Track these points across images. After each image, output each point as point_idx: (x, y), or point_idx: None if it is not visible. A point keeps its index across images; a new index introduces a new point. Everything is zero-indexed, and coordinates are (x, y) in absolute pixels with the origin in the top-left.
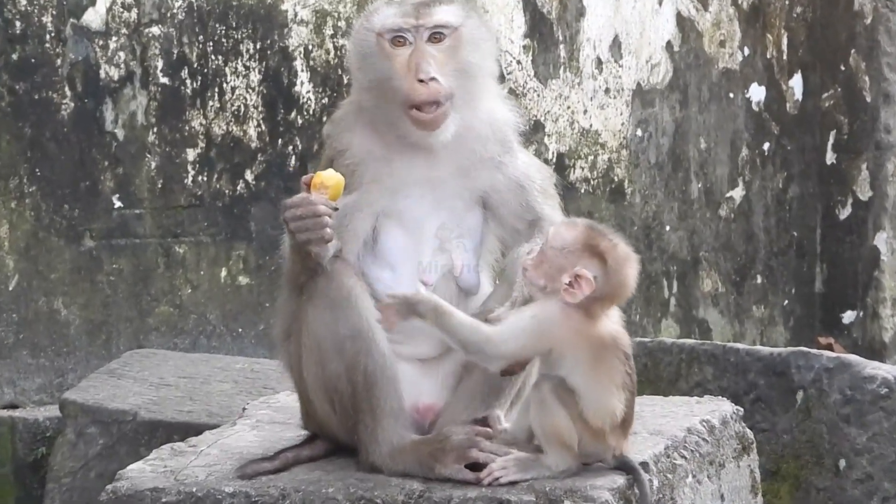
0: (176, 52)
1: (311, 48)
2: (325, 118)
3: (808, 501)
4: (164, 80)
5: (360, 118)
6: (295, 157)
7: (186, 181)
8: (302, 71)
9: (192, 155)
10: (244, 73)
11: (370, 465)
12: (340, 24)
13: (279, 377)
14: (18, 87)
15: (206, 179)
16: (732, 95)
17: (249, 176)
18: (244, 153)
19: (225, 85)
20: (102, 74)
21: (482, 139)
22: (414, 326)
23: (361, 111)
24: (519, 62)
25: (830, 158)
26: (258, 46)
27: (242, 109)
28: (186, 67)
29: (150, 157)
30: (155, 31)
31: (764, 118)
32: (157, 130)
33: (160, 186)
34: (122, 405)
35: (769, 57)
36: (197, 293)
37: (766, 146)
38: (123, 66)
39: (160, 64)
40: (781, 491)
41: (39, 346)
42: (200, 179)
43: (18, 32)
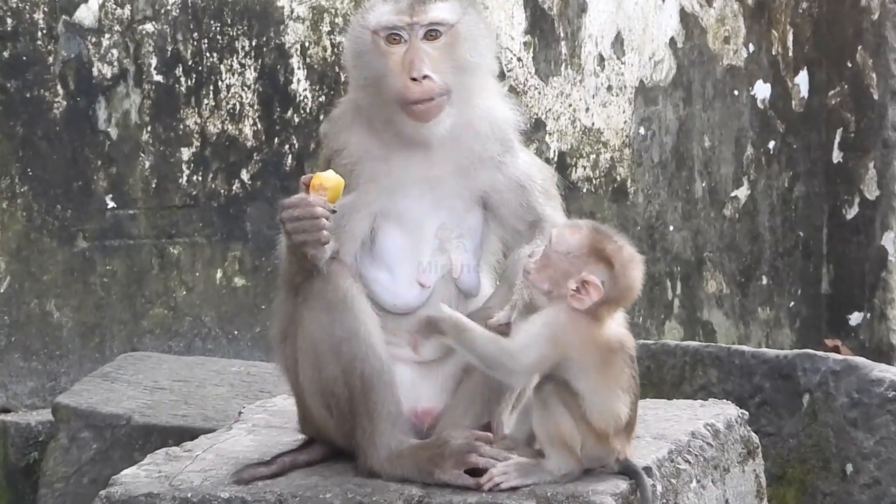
0: (170, 49)
1: (307, 45)
2: (322, 117)
3: None
4: (157, 77)
5: (357, 117)
6: (291, 156)
7: (181, 181)
8: (298, 68)
9: (186, 154)
10: (239, 70)
11: (368, 469)
12: (337, 20)
13: (276, 380)
14: (10, 85)
15: (201, 179)
16: (737, 93)
17: (245, 175)
18: (240, 152)
19: (220, 83)
20: (95, 72)
21: (481, 138)
22: (410, 329)
23: (358, 110)
24: (519, 59)
25: (837, 157)
26: (254, 43)
27: (238, 108)
28: (181, 65)
29: (143, 156)
30: (148, 27)
31: (769, 116)
32: (150, 129)
33: (154, 186)
34: (115, 409)
35: (774, 53)
36: (192, 295)
37: (771, 144)
38: (116, 63)
39: (154, 61)
40: (787, 496)
41: (31, 349)
42: (195, 179)
43: (9, 29)
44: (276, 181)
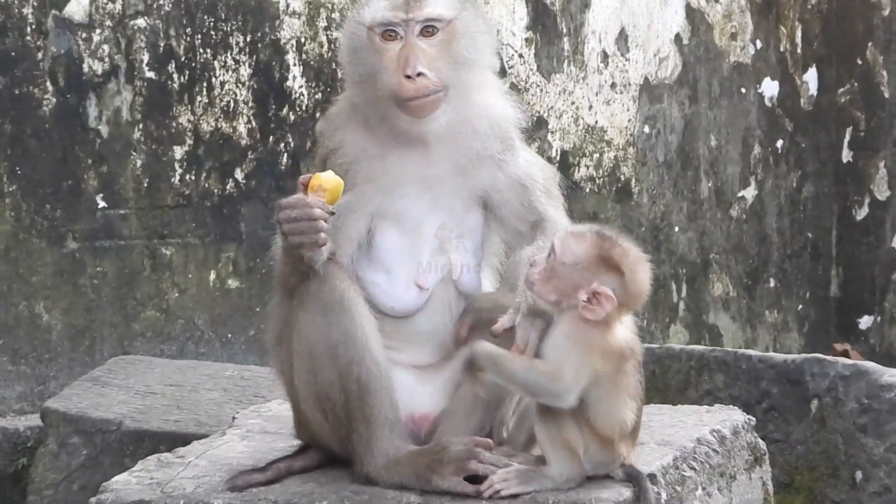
0: (162, 45)
1: (303, 41)
2: (318, 114)
3: None
4: (150, 74)
5: (353, 115)
6: (287, 154)
7: (173, 180)
8: (294, 65)
9: (179, 153)
10: (234, 67)
11: (365, 476)
12: (334, 15)
13: (270, 385)
14: None
15: (193, 178)
16: (744, 90)
17: (239, 175)
18: (234, 151)
19: (214, 79)
20: (86, 68)
21: (481, 136)
22: (408, 332)
23: (354, 107)
24: (521, 56)
25: (846, 156)
26: (248, 39)
27: (232, 105)
28: (173, 61)
29: (135, 154)
30: (140, 23)
31: (777, 114)
32: (142, 127)
33: (146, 186)
34: (106, 414)
35: (783, 50)
36: (184, 297)
37: (779, 144)
38: (108, 59)
39: (146, 57)
40: None
41: (20, 352)
42: (188, 178)
43: None
44: (270, 180)
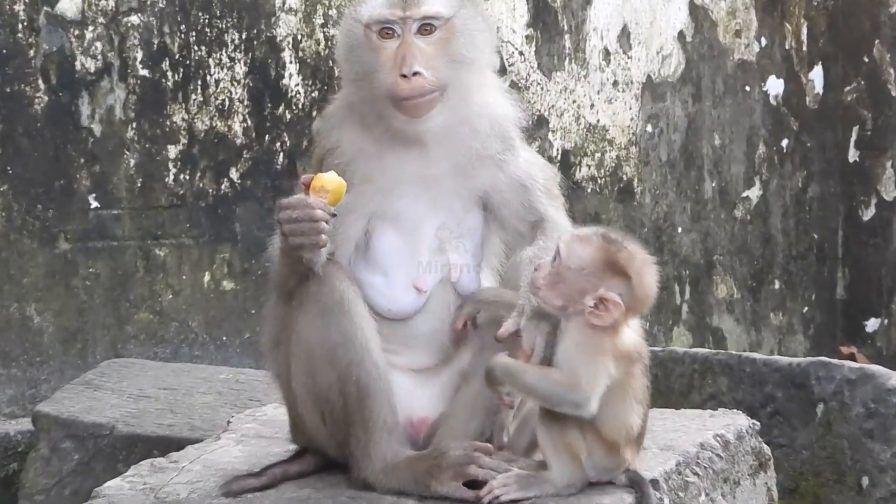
0: (156, 42)
1: (300, 38)
2: (315, 113)
3: None
4: (143, 72)
5: (350, 113)
6: (283, 154)
7: (167, 180)
8: (290, 62)
9: (173, 152)
10: (229, 64)
11: (362, 481)
12: (331, 12)
13: (266, 388)
14: None
15: (188, 178)
16: (749, 89)
17: (234, 174)
18: (229, 150)
19: (208, 77)
20: (78, 66)
21: (480, 135)
22: (407, 335)
23: (351, 106)
24: (521, 53)
25: (853, 156)
26: (244, 36)
27: (227, 103)
28: (167, 59)
29: (128, 154)
30: (134, 19)
31: (782, 113)
32: (136, 126)
33: (139, 185)
34: (98, 418)
35: (788, 48)
36: (178, 299)
37: (784, 143)
38: (100, 57)
39: (139, 55)
40: None
41: (11, 355)
42: (182, 178)
43: None
44: (266, 180)
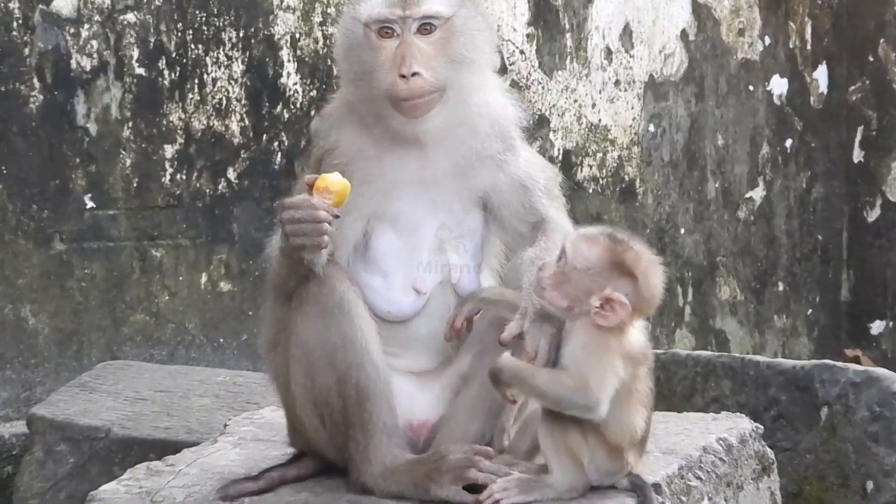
0: (153, 40)
1: (298, 36)
2: (313, 112)
3: None
4: (140, 70)
5: (348, 113)
6: (281, 153)
7: (164, 180)
8: (288, 61)
9: (170, 151)
10: (226, 63)
11: (361, 485)
12: (330, 10)
13: (264, 391)
14: None
15: (185, 178)
16: (752, 88)
17: (232, 174)
18: (226, 150)
19: (206, 76)
20: (74, 65)
21: (481, 135)
22: (406, 338)
23: (350, 106)
24: (522, 52)
25: (858, 156)
26: (241, 35)
27: (224, 102)
28: (164, 57)
29: (124, 153)
30: (130, 17)
31: (786, 113)
32: (132, 125)
33: (136, 185)
34: (94, 421)
35: (792, 47)
36: (175, 300)
37: (788, 143)
38: (96, 55)
39: (136, 53)
40: None
41: (5, 357)
42: (179, 178)
43: None
44: (264, 180)
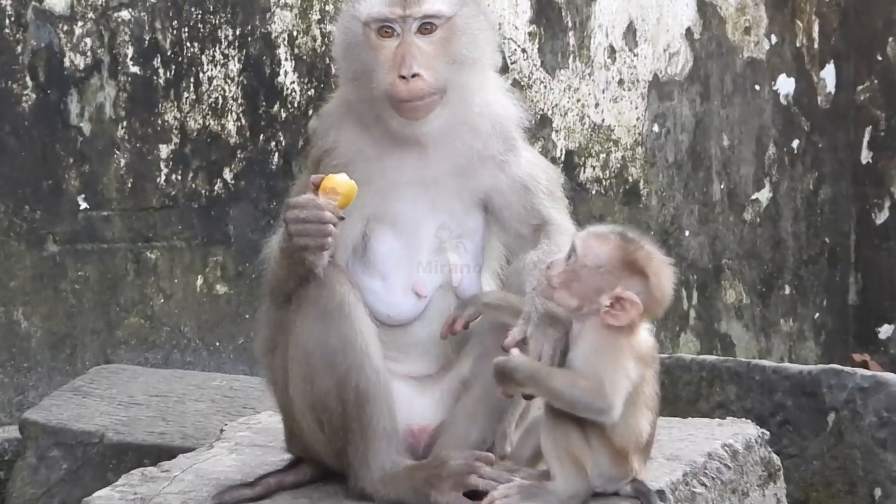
0: (148, 38)
1: (295, 34)
2: (311, 111)
3: None
4: (134, 69)
5: (347, 113)
6: (278, 153)
7: (159, 180)
8: (286, 59)
9: (165, 151)
10: (222, 61)
11: (360, 491)
12: (328, 8)
13: (260, 395)
14: None
15: (180, 178)
16: (758, 88)
17: (228, 175)
18: (222, 149)
19: (201, 75)
20: (67, 63)
21: (482, 136)
22: (406, 341)
23: (349, 105)
24: (524, 51)
25: (866, 157)
26: (238, 32)
27: (220, 101)
28: (159, 55)
29: (119, 153)
30: (125, 15)
31: (793, 113)
32: (126, 124)
33: (130, 186)
34: (87, 426)
35: (799, 45)
36: (170, 303)
37: (795, 143)
38: (90, 53)
39: (130, 51)
40: None
41: None
42: (174, 178)
43: None
44: (261, 181)
